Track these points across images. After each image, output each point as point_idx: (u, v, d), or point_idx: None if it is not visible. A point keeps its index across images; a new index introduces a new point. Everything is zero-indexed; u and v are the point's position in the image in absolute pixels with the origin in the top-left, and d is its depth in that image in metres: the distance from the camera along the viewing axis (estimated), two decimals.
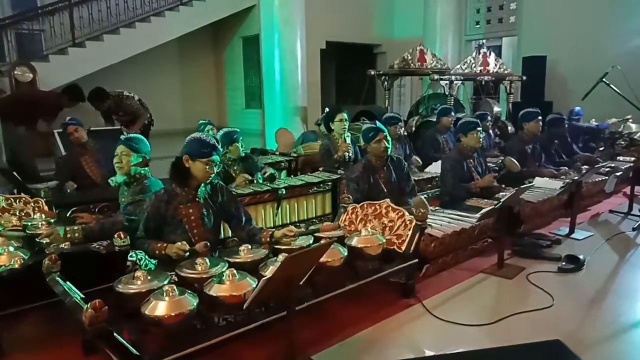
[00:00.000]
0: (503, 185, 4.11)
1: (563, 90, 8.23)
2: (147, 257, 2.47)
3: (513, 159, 4.22)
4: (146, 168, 2.90)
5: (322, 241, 2.34)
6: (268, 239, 2.54)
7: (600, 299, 2.74)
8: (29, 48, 8.51)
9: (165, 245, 2.40)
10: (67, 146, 4.60)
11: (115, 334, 1.65)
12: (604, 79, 4.56)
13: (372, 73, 7.68)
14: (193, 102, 11.17)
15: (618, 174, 4.68)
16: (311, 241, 2.55)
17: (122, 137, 2.90)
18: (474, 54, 7.24)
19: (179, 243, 2.37)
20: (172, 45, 9.87)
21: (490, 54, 7.21)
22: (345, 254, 2.42)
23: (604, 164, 5.08)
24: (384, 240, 2.62)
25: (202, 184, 2.56)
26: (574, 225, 3.85)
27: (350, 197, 3.15)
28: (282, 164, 5.05)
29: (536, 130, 4.82)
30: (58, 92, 6.05)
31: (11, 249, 2.40)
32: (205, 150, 2.46)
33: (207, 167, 2.46)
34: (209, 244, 2.44)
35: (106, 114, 5.88)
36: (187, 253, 2.34)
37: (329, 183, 3.97)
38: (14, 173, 3.91)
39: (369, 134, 3.38)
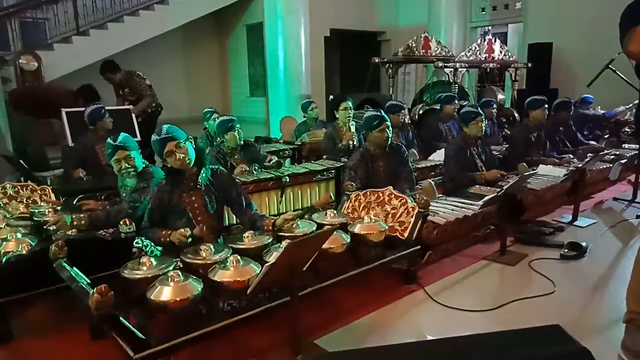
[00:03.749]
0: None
1: (569, 77, 8.17)
2: (152, 244, 2.52)
3: (526, 166, 4.23)
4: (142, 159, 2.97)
5: (325, 228, 2.36)
6: (270, 227, 2.57)
7: (603, 286, 2.75)
8: (33, 37, 8.55)
9: (169, 232, 2.45)
10: (76, 134, 4.62)
11: (121, 319, 1.68)
12: (610, 66, 4.53)
13: (376, 61, 7.64)
14: (197, 91, 11.18)
15: (623, 161, 4.66)
16: (314, 228, 2.57)
17: (109, 141, 2.87)
18: (478, 40, 7.18)
19: (182, 229, 2.41)
20: (176, 33, 9.87)
21: (495, 40, 7.16)
22: (348, 240, 2.45)
23: (608, 151, 5.06)
24: (387, 227, 2.64)
25: (203, 171, 2.61)
26: (577, 212, 3.85)
27: (353, 184, 3.17)
28: (287, 152, 5.08)
29: (542, 119, 4.80)
30: (74, 92, 6.10)
31: (19, 235, 2.45)
32: (160, 147, 2.50)
33: (173, 156, 2.49)
34: (204, 227, 2.46)
35: (117, 88, 5.92)
36: (190, 239, 2.38)
37: (333, 171, 3.99)
38: (21, 161, 3.95)
39: (373, 122, 3.37)
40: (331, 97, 5.92)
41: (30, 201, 3.17)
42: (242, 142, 3.85)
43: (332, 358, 1.23)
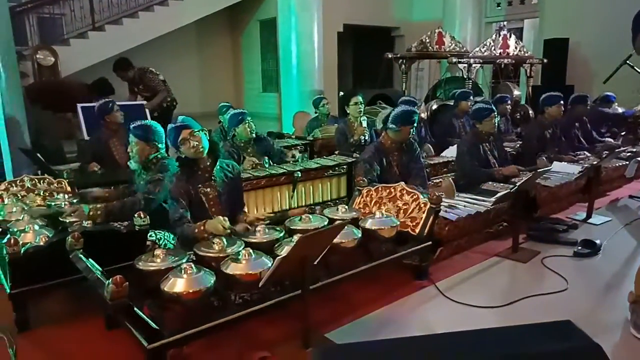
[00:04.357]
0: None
1: (585, 73, 8.05)
2: (167, 237, 2.55)
3: (546, 161, 4.18)
4: (161, 151, 2.98)
5: (336, 223, 2.38)
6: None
7: (616, 284, 2.72)
8: (50, 32, 8.66)
9: (203, 222, 2.44)
10: (91, 129, 4.68)
11: (135, 309, 1.72)
12: (627, 61, 4.46)
13: (390, 56, 7.61)
14: (210, 86, 11.24)
15: (639, 159, 4.59)
16: (326, 223, 2.58)
17: (130, 125, 2.94)
18: (493, 36, 7.10)
19: (219, 217, 2.41)
20: (190, 28, 9.93)
21: (510, 36, 7.07)
22: (359, 235, 2.45)
23: (624, 148, 4.98)
24: (398, 223, 2.64)
25: (218, 163, 2.64)
26: (591, 210, 3.80)
27: (365, 180, 3.17)
28: (299, 147, 5.09)
29: (557, 115, 4.74)
30: (89, 86, 6.17)
31: (36, 227, 2.50)
32: (175, 134, 2.53)
33: (187, 144, 2.51)
34: (246, 219, 2.49)
35: (131, 85, 5.96)
36: (228, 230, 2.38)
37: (345, 166, 3.99)
38: (38, 154, 4.02)
39: (412, 117, 3.35)
40: (341, 93, 5.93)
41: (47, 194, 3.23)
42: (254, 135, 3.87)
43: (341, 350, 1.25)
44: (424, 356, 1.14)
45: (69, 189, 3.27)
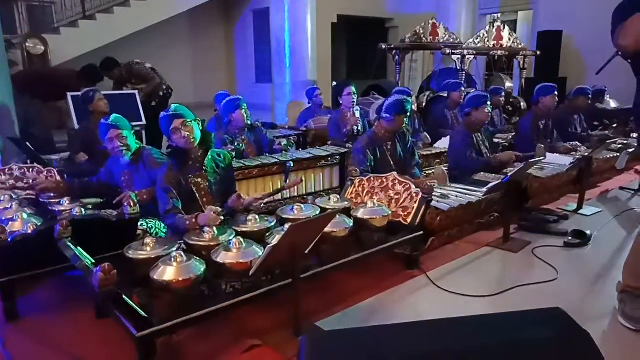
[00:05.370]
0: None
1: (578, 65, 8.07)
2: (158, 226, 2.54)
3: (543, 147, 4.18)
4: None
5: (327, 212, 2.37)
6: (240, 207, 2.61)
7: (606, 274, 2.74)
8: (40, 20, 8.54)
9: (195, 215, 2.40)
10: (81, 118, 4.63)
11: (124, 297, 1.70)
12: (620, 53, 4.45)
13: (384, 47, 7.58)
14: (204, 76, 11.17)
15: (630, 150, 4.61)
16: (317, 212, 2.57)
17: (102, 122, 2.91)
18: (487, 28, 7.09)
19: (211, 206, 2.39)
20: (183, 18, 9.83)
21: (504, 28, 7.06)
22: (351, 225, 2.45)
23: (615, 140, 5.01)
24: (390, 213, 2.64)
25: (210, 153, 2.62)
26: (582, 201, 3.83)
27: (358, 170, 3.16)
28: (292, 137, 5.07)
29: (551, 106, 4.74)
30: (77, 73, 6.09)
31: (25, 215, 2.48)
32: (167, 123, 2.50)
33: (178, 133, 2.48)
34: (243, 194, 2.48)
35: (118, 82, 5.89)
36: (222, 218, 2.35)
37: (337, 157, 3.98)
38: (27, 144, 3.97)
39: (404, 107, 3.34)
40: (334, 83, 5.94)
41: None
42: (249, 122, 3.85)
43: (332, 337, 1.24)
44: (413, 341, 1.14)
45: (58, 178, 3.24)
